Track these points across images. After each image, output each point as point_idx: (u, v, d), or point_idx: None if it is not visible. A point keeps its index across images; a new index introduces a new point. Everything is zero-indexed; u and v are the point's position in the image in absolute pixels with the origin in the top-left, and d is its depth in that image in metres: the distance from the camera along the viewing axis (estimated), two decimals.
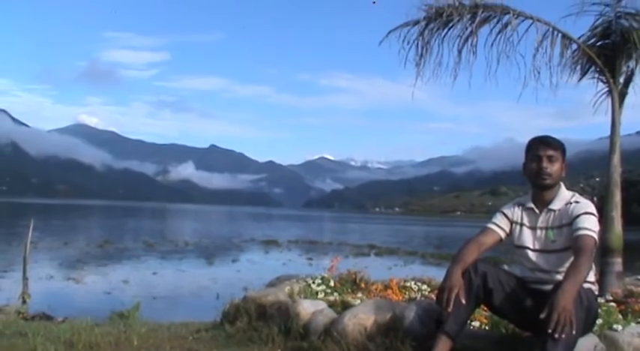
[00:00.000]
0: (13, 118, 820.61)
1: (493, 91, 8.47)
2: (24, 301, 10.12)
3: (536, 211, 4.42)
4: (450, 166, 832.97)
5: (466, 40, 8.34)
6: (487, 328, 5.01)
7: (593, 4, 8.72)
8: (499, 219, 4.51)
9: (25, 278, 10.74)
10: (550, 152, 4.31)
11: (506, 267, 5.36)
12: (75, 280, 18.24)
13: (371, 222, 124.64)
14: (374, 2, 8.39)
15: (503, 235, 4.47)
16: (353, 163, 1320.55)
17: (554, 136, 4.46)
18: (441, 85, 8.45)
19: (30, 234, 11.11)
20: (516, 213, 4.51)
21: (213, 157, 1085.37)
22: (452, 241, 49.40)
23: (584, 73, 9.08)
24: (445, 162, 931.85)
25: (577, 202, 4.31)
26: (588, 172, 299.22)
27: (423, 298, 6.23)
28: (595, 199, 8.57)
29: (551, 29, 8.50)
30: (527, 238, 4.41)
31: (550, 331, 3.50)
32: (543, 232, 4.37)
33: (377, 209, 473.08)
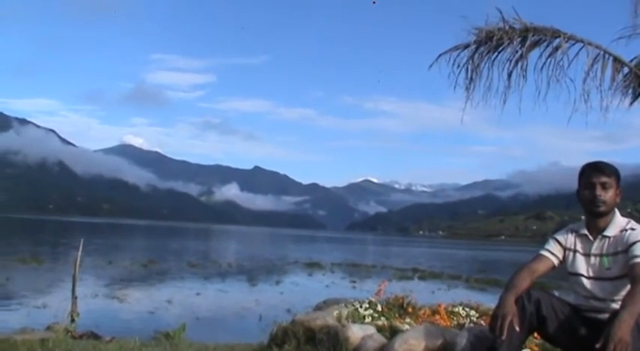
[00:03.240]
0: (61, 138, 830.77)
1: (537, 114, 8.39)
2: (72, 320, 10.15)
3: (590, 237, 4.34)
4: (494, 189, 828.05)
5: (516, 63, 8.29)
6: None
7: None
8: (552, 245, 4.44)
9: (74, 297, 10.80)
10: (604, 179, 4.24)
11: (556, 293, 5.28)
12: (119, 299, 18.34)
13: (414, 245, 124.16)
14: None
15: (556, 262, 4.39)
16: (397, 185, 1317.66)
17: (600, 159, 4.40)
18: (487, 108, 8.40)
19: (80, 253, 11.19)
20: (570, 239, 4.43)
21: (257, 179, 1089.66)
22: (496, 265, 48.99)
23: (636, 97, 8.98)
24: (489, 186, 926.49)
25: (633, 229, 4.22)
26: (636, 196, 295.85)
27: (472, 324, 6.18)
28: None
29: (602, 53, 8.42)
30: (581, 265, 4.33)
31: None
32: (598, 259, 4.28)
33: (420, 232, 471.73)
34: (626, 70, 8.75)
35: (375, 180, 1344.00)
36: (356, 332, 5.20)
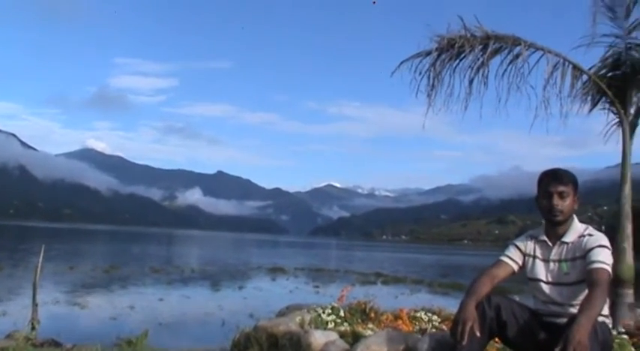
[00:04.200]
0: (22, 142, 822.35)
1: (499, 120, 8.48)
2: (33, 328, 10.05)
3: (549, 243, 4.40)
4: (456, 194, 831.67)
5: (477, 70, 8.38)
6: None
7: (604, 35, 8.81)
8: (512, 251, 4.50)
9: (34, 304, 10.69)
10: (561, 188, 4.30)
11: (516, 297, 5.35)
12: (81, 305, 18.13)
13: (377, 250, 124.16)
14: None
15: (516, 267, 4.46)
16: (360, 190, 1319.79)
17: (560, 165, 4.47)
18: (449, 113, 8.48)
19: (41, 259, 11.07)
20: (529, 245, 4.50)
21: (220, 184, 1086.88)
22: (459, 269, 49.20)
23: (594, 104, 9.14)
24: (452, 190, 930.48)
25: (590, 234, 4.30)
26: (596, 201, 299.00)
27: (433, 329, 6.22)
28: (603, 228, 8.56)
29: (562, 60, 8.55)
30: (540, 271, 4.40)
31: None
32: (556, 264, 4.35)
33: (384, 237, 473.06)
34: (585, 77, 8.89)
35: (338, 185, 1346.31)
36: (318, 338, 5.21)
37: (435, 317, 6.99)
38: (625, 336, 6.39)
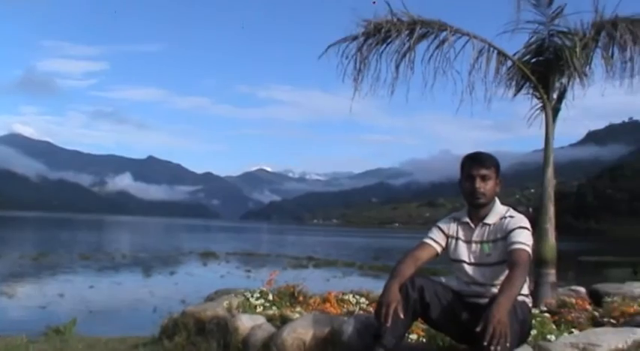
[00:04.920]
0: None
1: (429, 103, 8.58)
2: None
3: (472, 225, 4.50)
4: (387, 178, 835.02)
5: (404, 55, 8.44)
6: (424, 340, 5.07)
7: (528, 22, 8.92)
8: (435, 233, 4.58)
9: None
10: (483, 171, 4.39)
11: (443, 279, 5.43)
12: (8, 294, 17.84)
13: (309, 234, 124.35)
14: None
15: (439, 249, 4.54)
16: (291, 174, 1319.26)
17: (489, 148, 4.55)
18: (379, 97, 8.53)
19: None
20: (452, 227, 4.58)
21: (150, 169, 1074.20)
22: (389, 252, 49.49)
23: (519, 89, 9.27)
24: (382, 174, 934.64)
25: (511, 216, 4.40)
26: (523, 183, 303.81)
27: (361, 312, 6.27)
28: (530, 210, 8.74)
29: (487, 46, 8.66)
30: (463, 252, 4.49)
31: (485, 343, 3.55)
32: (478, 245, 4.44)
33: (315, 221, 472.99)
34: (509, 63, 9.03)
35: (269, 169, 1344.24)
36: (245, 322, 5.21)
37: (363, 300, 7.04)
38: (547, 314, 6.54)
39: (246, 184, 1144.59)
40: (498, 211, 4.48)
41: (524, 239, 4.22)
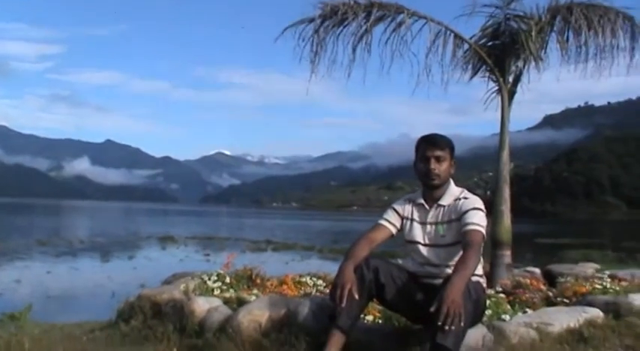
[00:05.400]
0: None
1: (388, 87, 8.63)
2: None
3: (426, 206, 4.53)
4: (346, 161, 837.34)
5: (361, 38, 8.45)
6: (380, 322, 5.10)
7: (485, 5, 8.97)
8: (390, 215, 4.61)
9: None
10: (438, 153, 4.42)
11: (400, 261, 5.46)
12: None
13: (268, 217, 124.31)
14: None
15: (394, 230, 4.56)
16: (250, 158, 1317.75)
17: (448, 132, 4.56)
18: (337, 80, 8.54)
19: None
20: (407, 209, 4.61)
21: (108, 153, 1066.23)
22: (348, 235, 49.52)
23: (475, 72, 9.33)
24: (341, 157, 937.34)
25: (466, 197, 4.45)
26: (481, 167, 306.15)
27: (318, 294, 6.30)
28: (488, 193, 8.83)
29: (443, 29, 8.72)
30: (418, 233, 4.52)
31: (439, 323, 3.59)
32: (433, 227, 4.48)
33: (274, 204, 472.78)
34: (466, 46, 9.08)
35: (228, 152, 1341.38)
36: (202, 305, 5.19)
37: (320, 282, 7.05)
38: (502, 295, 6.63)
39: (205, 168, 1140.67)
40: (453, 192, 4.52)
41: (478, 220, 4.27)
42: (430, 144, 4.45)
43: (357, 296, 4.02)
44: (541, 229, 69.52)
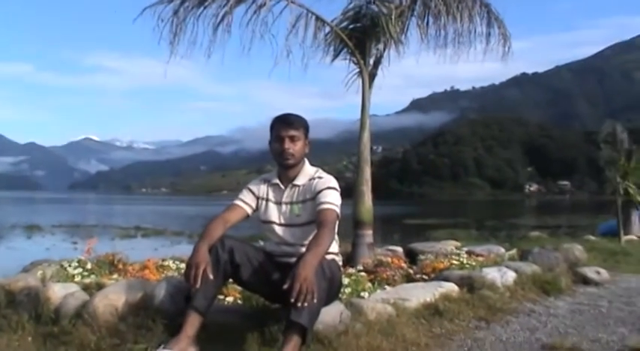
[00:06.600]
0: None
1: (258, 71, 8.65)
2: None
3: (282, 186, 4.57)
4: (215, 145, 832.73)
5: (222, 19, 8.42)
6: (240, 302, 5.13)
7: None
8: (245, 195, 4.62)
9: None
10: (292, 132, 4.45)
11: (262, 242, 5.50)
12: None
13: (138, 203, 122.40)
14: None
15: (249, 210, 4.58)
16: (118, 143, 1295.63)
17: (318, 116, 4.72)
18: (209, 65, 8.51)
19: None
20: (262, 189, 4.64)
21: None
22: None
23: (336, 55, 9.46)
24: (211, 142, 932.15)
25: (320, 177, 4.50)
26: (351, 150, 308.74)
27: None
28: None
29: (305, 11, 8.77)
30: (273, 213, 4.55)
31: (293, 300, 3.63)
32: (288, 206, 4.52)
33: (143, 190, 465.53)
34: (327, 29, 9.18)
35: (96, 138, 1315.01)
36: (57, 291, 5.05)
37: (183, 265, 7.03)
38: (363, 273, 6.76)
39: (72, 154, 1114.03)
40: (308, 172, 4.57)
41: (332, 199, 4.33)
42: (284, 124, 4.48)
43: (211, 276, 4.01)
44: (409, 210, 71.04)
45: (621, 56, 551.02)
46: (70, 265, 6.59)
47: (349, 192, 8.17)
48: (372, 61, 9.23)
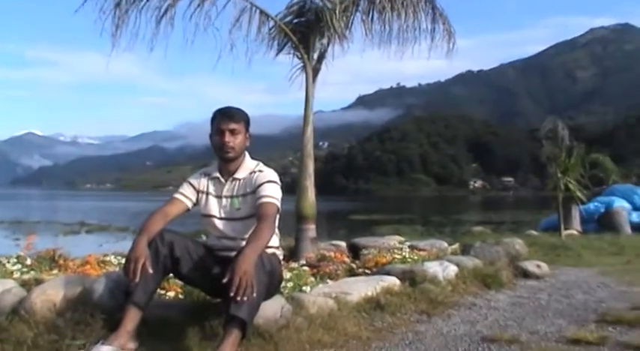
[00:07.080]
0: None
1: (203, 66, 8.58)
2: None
3: (222, 180, 4.56)
4: (161, 141, 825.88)
5: (165, 11, 8.37)
6: (182, 297, 5.10)
7: None
8: (185, 189, 4.61)
9: None
10: (232, 126, 4.44)
11: (204, 237, 5.48)
12: None
13: (82, 199, 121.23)
14: None
15: (189, 204, 4.56)
16: (62, 138, 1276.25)
17: (264, 112, 4.66)
18: (155, 60, 8.47)
19: None
20: (202, 182, 4.62)
21: None
22: None
23: (280, 49, 9.46)
24: (157, 137, 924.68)
25: (261, 171, 4.50)
26: (297, 146, 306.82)
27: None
28: None
29: (249, 5, 8.76)
30: (214, 207, 4.54)
31: (232, 294, 3.63)
32: (229, 200, 4.51)
33: (88, 185, 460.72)
34: (271, 23, 9.17)
35: (39, 132, 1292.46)
36: None
37: (124, 261, 6.99)
38: (306, 268, 6.78)
39: (14, 149, 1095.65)
40: (248, 165, 4.57)
41: (272, 193, 4.34)
42: (225, 117, 4.47)
43: (151, 271, 3.97)
44: (355, 206, 71.34)
45: (564, 55, 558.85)
46: (8, 262, 6.49)
47: (295, 187, 8.18)
48: (316, 56, 9.25)
